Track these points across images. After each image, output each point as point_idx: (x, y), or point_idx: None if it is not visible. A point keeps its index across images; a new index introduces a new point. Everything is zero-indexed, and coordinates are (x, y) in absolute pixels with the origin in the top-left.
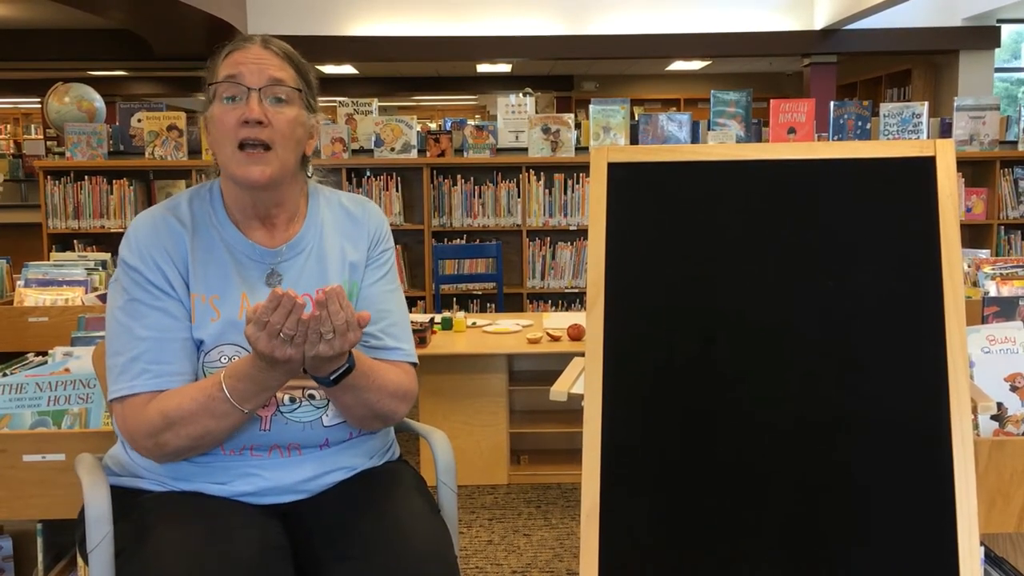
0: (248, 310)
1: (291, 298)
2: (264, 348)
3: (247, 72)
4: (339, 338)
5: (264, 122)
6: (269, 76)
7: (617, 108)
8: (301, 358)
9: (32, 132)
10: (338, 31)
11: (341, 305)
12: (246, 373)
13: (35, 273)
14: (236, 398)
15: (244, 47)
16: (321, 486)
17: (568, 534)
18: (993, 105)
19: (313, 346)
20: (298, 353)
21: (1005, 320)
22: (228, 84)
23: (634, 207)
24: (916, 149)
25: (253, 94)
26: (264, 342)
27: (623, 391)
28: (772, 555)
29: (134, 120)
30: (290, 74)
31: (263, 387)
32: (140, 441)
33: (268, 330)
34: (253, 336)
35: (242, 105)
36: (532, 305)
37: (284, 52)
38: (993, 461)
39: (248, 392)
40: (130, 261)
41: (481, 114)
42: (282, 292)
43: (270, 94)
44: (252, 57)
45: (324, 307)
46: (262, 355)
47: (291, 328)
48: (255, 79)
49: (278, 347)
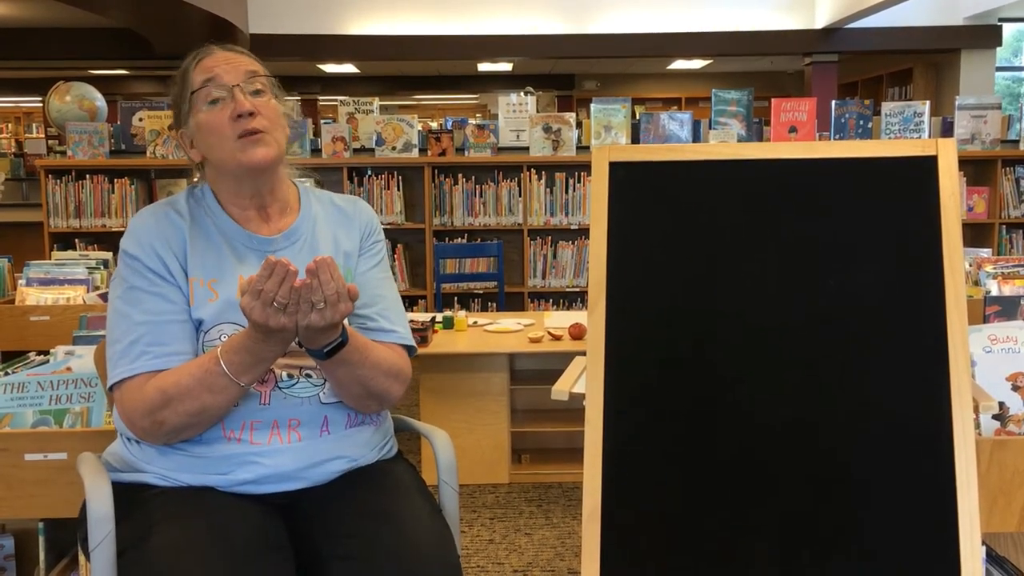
0: (243, 282)
1: (284, 265)
2: (259, 317)
3: (223, 72)
4: (330, 308)
5: (255, 112)
6: (244, 71)
7: (618, 107)
8: (294, 328)
9: (33, 131)
10: (339, 30)
11: (332, 275)
12: (242, 345)
13: (36, 272)
14: (233, 371)
15: (209, 53)
16: (321, 475)
17: (569, 533)
18: (995, 104)
19: (305, 315)
20: (291, 322)
21: (1007, 319)
22: (209, 87)
23: (636, 206)
24: (918, 148)
25: (236, 89)
26: (259, 311)
27: (625, 391)
28: (773, 555)
29: (135, 119)
30: (258, 67)
31: (259, 358)
32: (138, 421)
33: (262, 299)
34: (248, 306)
35: (228, 103)
36: (533, 304)
37: (244, 52)
38: (995, 461)
39: (245, 364)
40: (130, 250)
41: (482, 113)
42: (275, 260)
43: (250, 88)
44: (221, 59)
45: (315, 276)
46: (257, 324)
47: (284, 296)
48: (232, 76)
49: (272, 316)
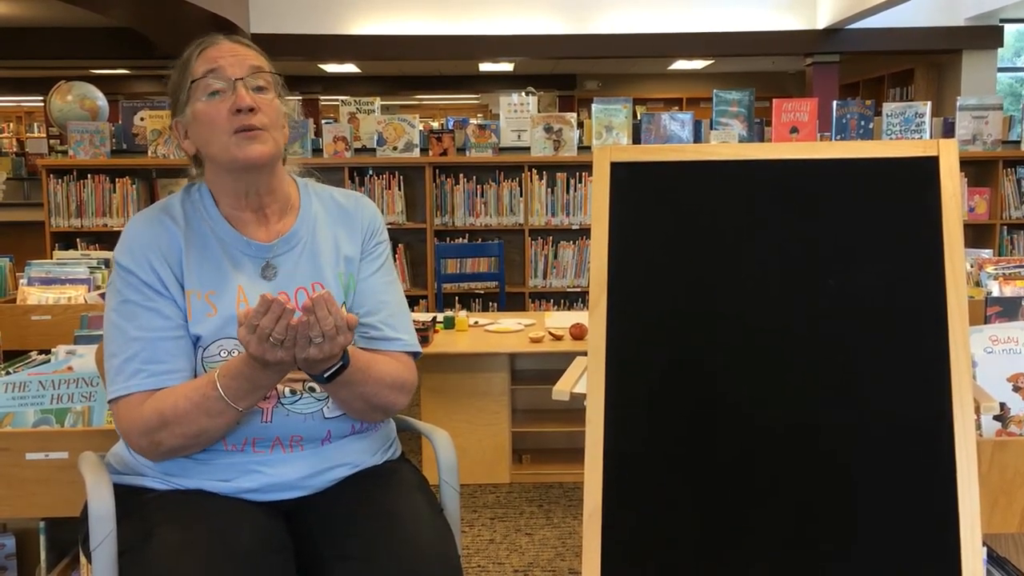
0: (239, 313)
1: (280, 303)
2: (255, 351)
3: (227, 64)
4: (328, 342)
5: (255, 108)
6: (249, 65)
7: (619, 107)
8: (292, 360)
9: (35, 131)
10: (341, 30)
11: (329, 310)
12: (240, 372)
13: (38, 271)
14: (230, 396)
15: (216, 43)
16: (324, 482)
17: (570, 533)
18: (996, 105)
19: (303, 350)
20: (288, 356)
21: (1008, 320)
22: (211, 79)
23: (637, 207)
24: (919, 149)
25: (239, 83)
26: (255, 345)
27: (626, 391)
28: (773, 555)
29: (137, 118)
30: (264, 62)
31: (256, 385)
32: (135, 440)
33: (258, 334)
34: (244, 339)
35: (228, 97)
36: (534, 304)
37: (252, 45)
38: (996, 461)
39: (242, 390)
40: (123, 263)
41: (483, 113)
42: (271, 297)
43: (252, 83)
44: (227, 51)
45: (312, 313)
46: (254, 357)
47: (280, 333)
48: (236, 70)
49: (268, 350)
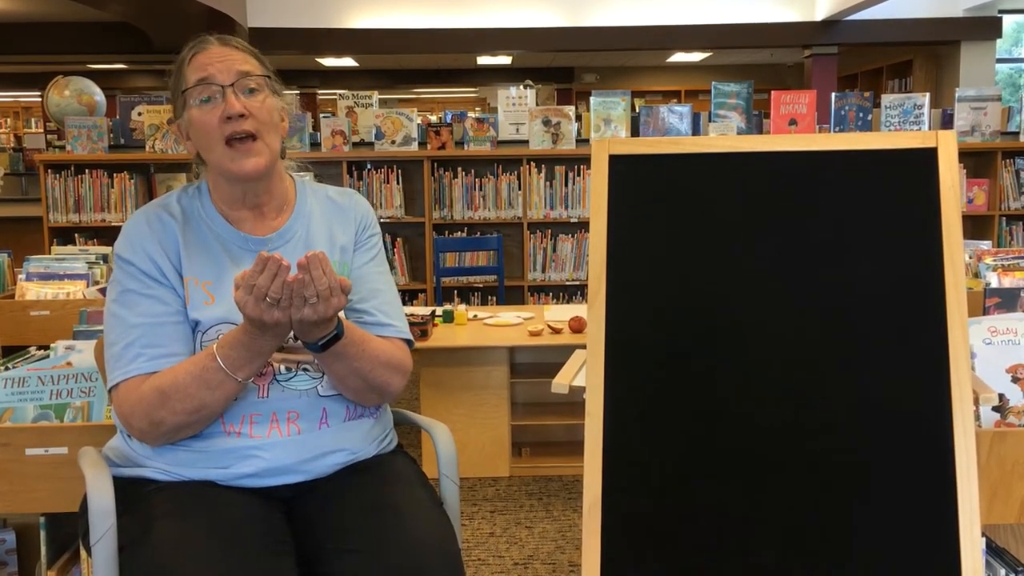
0: (236, 276)
1: (276, 261)
2: (252, 312)
3: (216, 71)
4: (323, 303)
5: (245, 114)
6: (237, 71)
7: (618, 100)
8: (288, 322)
9: (32, 126)
10: (338, 24)
11: (324, 270)
12: (238, 340)
13: (36, 267)
14: (229, 366)
15: (205, 48)
16: (322, 468)
17: (570, 526)
18: (995, 96)
19: (298, 310)
20: (285, 316)
21: (1006, 311)
22: (201, 87)
23: (636, 199)
24: (918, 140)
25: (228, 90)
26: (252, 306)
27: (625, 384)
28: (773, 548)
29: (134, 113)
30: (254, 64)
31: (255, 353)
32: (136, 423)
33: (255, 294)
34: (241, 301)
35: (219, 103)
36: (533, 298)
37: (242, 46)
38: (994, 452)
39: (241, 359)
40: (124, 254)
41: (482, 106)
42: (267, 255)
43: (242, 87)
44: (216, 57)
45: (307, 271)
46: (251, 319)
47: (276, 292)
48: (225, 76)
49: (265, 311)
